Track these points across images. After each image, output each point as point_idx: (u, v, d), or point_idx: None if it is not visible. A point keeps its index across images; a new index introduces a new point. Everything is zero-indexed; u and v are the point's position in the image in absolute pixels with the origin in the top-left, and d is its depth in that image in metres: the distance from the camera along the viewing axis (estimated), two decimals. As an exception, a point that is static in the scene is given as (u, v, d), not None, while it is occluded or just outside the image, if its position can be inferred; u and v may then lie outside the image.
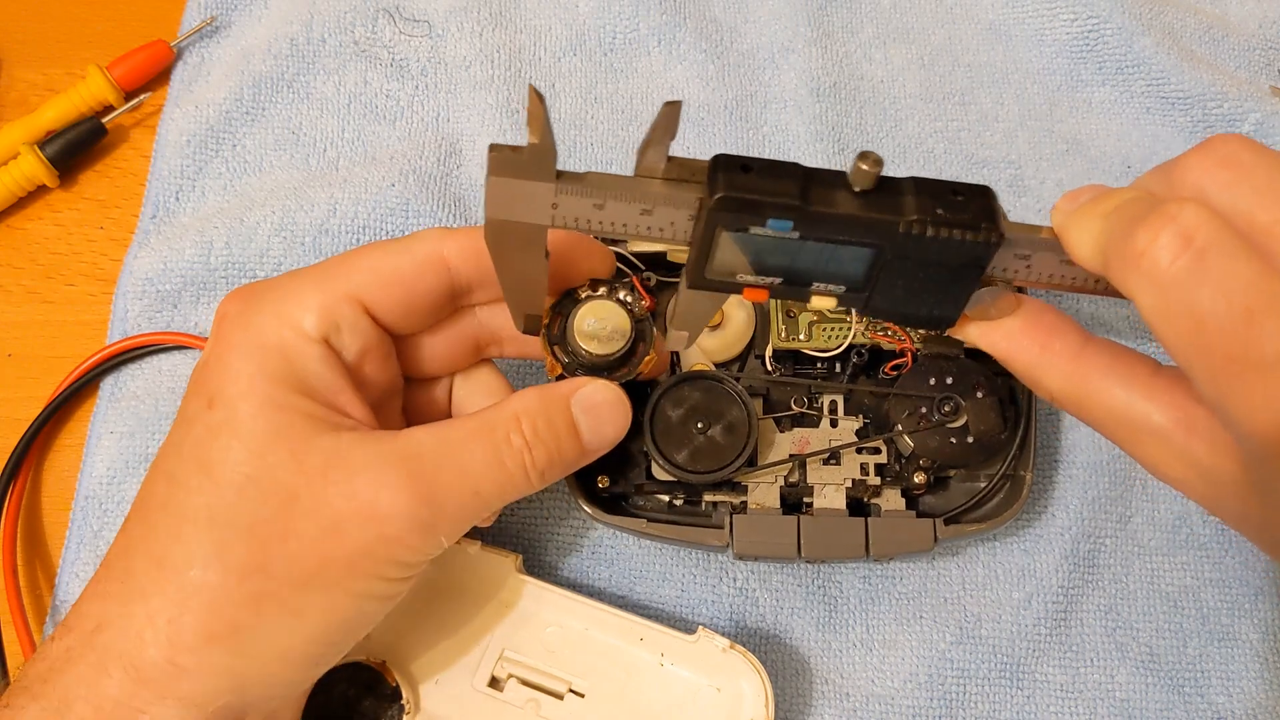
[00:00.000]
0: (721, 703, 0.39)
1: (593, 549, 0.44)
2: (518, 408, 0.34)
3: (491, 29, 0.52)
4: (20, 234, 0.50)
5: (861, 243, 0.31)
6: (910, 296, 0.32)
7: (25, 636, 0.41)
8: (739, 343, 0.43)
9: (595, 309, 0.37)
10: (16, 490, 0.45)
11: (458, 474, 0.33)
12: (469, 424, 0.34)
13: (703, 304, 0.34)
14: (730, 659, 0.39)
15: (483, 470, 0.33)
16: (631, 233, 0.32)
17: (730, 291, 0.33)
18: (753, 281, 0.32)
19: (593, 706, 0.39)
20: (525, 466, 0.34)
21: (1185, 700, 0.42)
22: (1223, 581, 0.44)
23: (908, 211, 0.30)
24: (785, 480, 0.42)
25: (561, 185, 0.31)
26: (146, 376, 0.47)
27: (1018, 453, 0.42)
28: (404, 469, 0.32)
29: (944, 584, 0.44)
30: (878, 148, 0.51)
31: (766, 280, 0.32)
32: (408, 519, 0.32)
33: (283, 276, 0.35)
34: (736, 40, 0.53)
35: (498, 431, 0.34)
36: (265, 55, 0.52)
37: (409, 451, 0.32)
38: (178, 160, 0.50)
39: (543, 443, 0.34)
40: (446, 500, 0.33)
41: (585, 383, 0.36)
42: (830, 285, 0.32)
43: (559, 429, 0.35)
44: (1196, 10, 0.52)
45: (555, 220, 0.32)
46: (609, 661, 0.39)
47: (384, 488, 0.31)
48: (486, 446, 0.33)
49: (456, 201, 0.49)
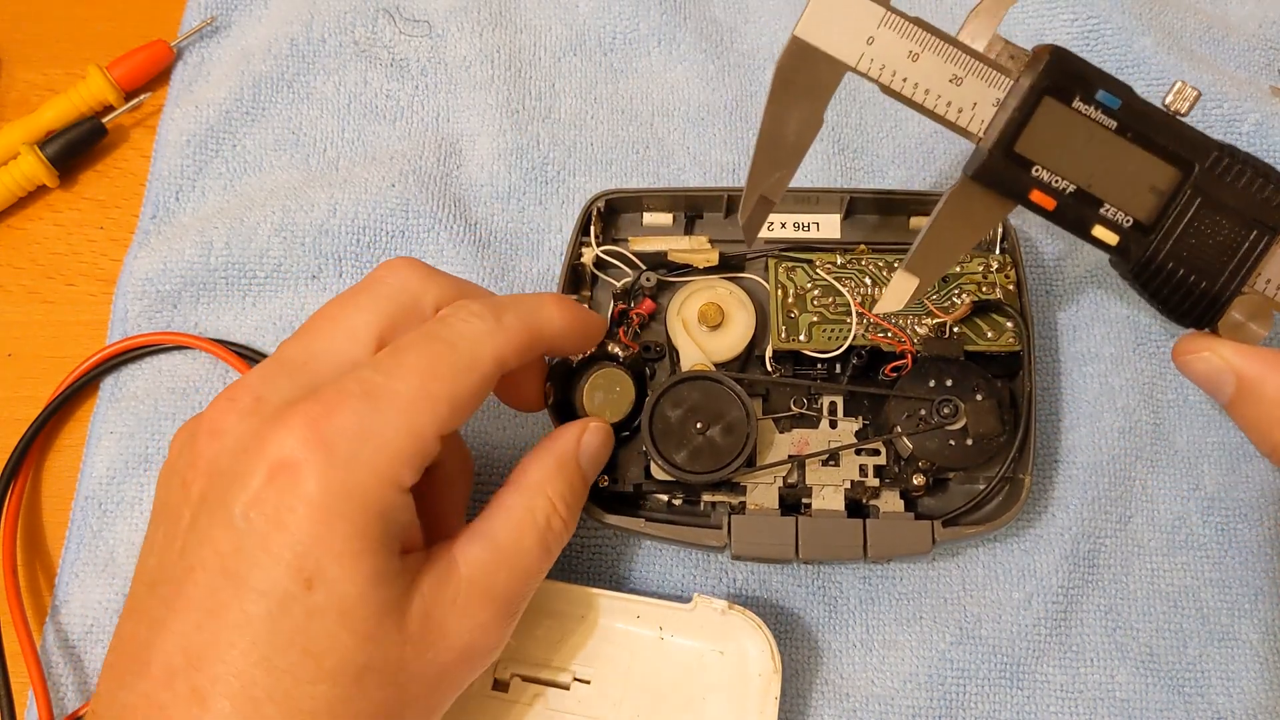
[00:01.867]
0: (727, 665, 0.39)
1: (591, 551, 0.44)
2: (547, 489, 0.35)
3: (491, 29, 0.52)
4: (20, 234, 0.50)
5: (1174, 157, 0.29)
6: (1192, 256, 0.30)
7: (25, 636, 0.41)
8: (739, 343, 0.43)
9: (599, 382, 0.39)
10: (16, 490, 0.45)
11: (521, 579, 0.34)
12: (510, 521, 0.34)
13: (955, 233, 0.32)
14: (730, 620, 0.39)
15: (537, 565, 0.35)
16: (924, 101, 0.30)
17: (1017, 193, 0.31)
18: (1047, 180, 0.30)
19: (600, 691, 0.39)
20: (563, 541, 0.36)
21: (1185, 700, 0.42)
22: (1223, 581, 0.44)
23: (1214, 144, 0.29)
24: (784, 481, 0.42)
25: (890, 16, 0.29)
26: (146, 377, 0.47)
27: (1017, 455, 0.42)
28: (484, 600, 0.33)
29: (944, 584, 0.44)
30: (878, 148, 0.51)
31: (1062, 184, 0.30)
32: (498, 643, 0.34)
33: (357, 411, 0.31)
34: (736, 40, 0.53)
35: (539, 519, 0.35)
36: (265, 55, 0.52)
37: (477, 578, 0.33)
38: (178, 160, 0.50)
39: (574, 514, 0.36)
40: (517, 606, 0.34)
41: (581, 429, 0.37)
42: (1119, 213, 0.30)
43: (579, 491, 0.37)
44: (1196, 10, 0.52)
45: (862, 62, 0.30)
46: (609, 644, 0.39)
47: (477, 629, 0.33)
48: (535, 541, 0.34)
49: (456, 202, 0.49)
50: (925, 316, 0.43)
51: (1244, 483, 0.45)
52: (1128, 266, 0.32)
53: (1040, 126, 0.29)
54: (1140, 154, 0.29)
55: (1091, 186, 0.30)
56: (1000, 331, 0.43)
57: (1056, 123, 0.29)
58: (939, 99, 0.30)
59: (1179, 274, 0.31)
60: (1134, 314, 0.47)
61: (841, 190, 0.45)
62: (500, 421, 0.46)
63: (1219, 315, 0.32)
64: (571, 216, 0.49)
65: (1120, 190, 0.30)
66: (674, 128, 0.51)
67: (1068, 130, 0.29)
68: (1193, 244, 0.30)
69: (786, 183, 0.34)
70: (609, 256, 0.45)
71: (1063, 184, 0.30)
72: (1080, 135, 0.29)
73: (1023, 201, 0.31)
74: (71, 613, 0.43)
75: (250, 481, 0.30)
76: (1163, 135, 0.29)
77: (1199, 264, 0.31)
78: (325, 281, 0.48)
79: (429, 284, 0.35)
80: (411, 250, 0.48)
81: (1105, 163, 0.30)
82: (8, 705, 0.41)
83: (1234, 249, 0.31)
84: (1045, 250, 0.48)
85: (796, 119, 0.32)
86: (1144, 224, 0.30)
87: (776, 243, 0.45)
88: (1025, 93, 0.29)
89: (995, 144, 0.30)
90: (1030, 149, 0.30)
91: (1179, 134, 0.29)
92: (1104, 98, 0.29)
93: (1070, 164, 0.30)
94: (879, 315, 0.42)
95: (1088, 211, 0.31)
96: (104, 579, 0.44)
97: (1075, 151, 0.30)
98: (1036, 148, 0.30)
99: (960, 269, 0.43)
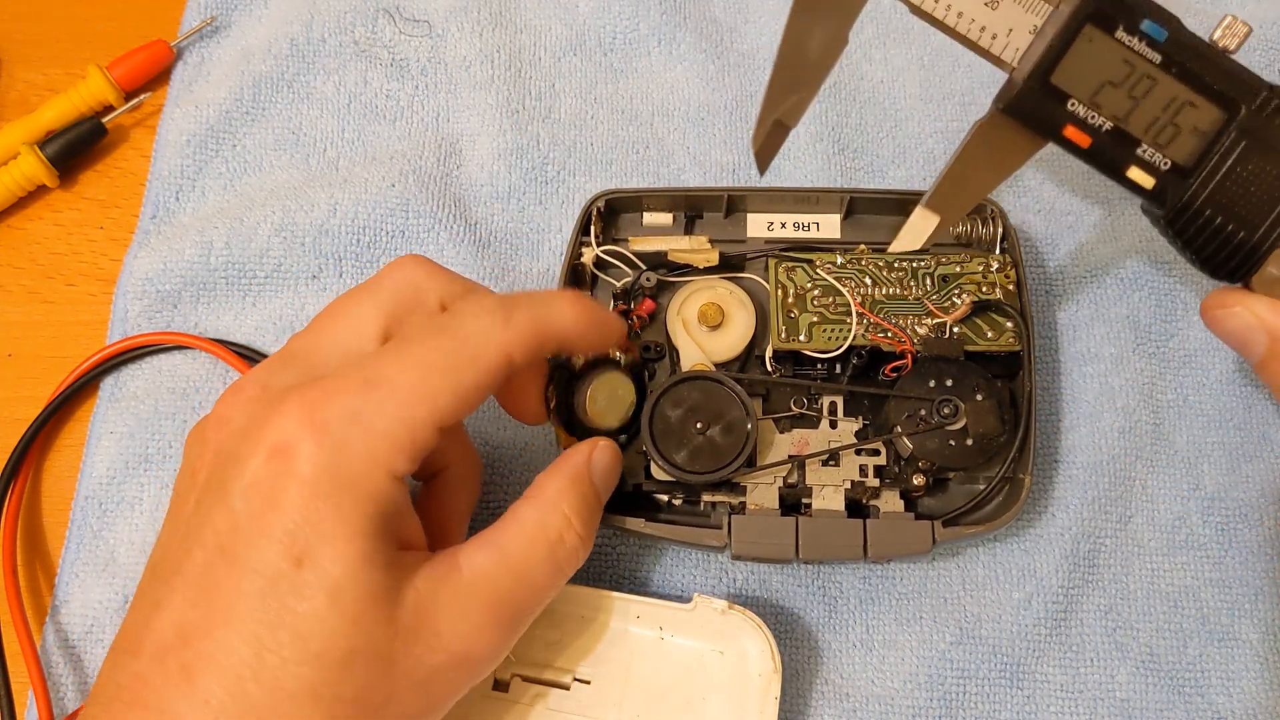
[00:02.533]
0: (727, 665, 0.39)
1: (591, 554, 0.44)
2: (563, 504, 0.35)
3: (491, 29, 0.52)
4: (20, 234, 0.50)
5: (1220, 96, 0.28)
6: (1232, 203, 0.29)
7: (25, 636, 0.41)
8: (740, 343, 0.43)
9: (602, 386, 0.38)
10: (16, 490, 0.45)
11: (528, 593, 0.34)
12: (522, 534, 0.34)
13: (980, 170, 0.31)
14: (730, 620, 0.39)
15: (547, 582, 0.34)
16: (956, 25, 0.29)
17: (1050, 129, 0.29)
18: (1083, 116, 0.29)
19: (600, 691, 0.39)
20: (576, 561, 0.35)
21: (1185, 700, 0.42)
22: (1223, 581, 0.44)
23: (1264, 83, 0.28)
24: (784, 481, 0.42)
25: None
26: (146, 376, 0.47)
27: (1017, 456, 0.42)
28: (485, 608, 0.32)
29: (944, 584, 0.44)
30: (878, 148, 0.51)
31: (1098, 120, 0.29)
32: (495, 655, 0.33)
33: (355, 397, 0.31)
34: (736, 40, 0.53)
35: (551, 534, 0.34)
36: (265, 55, 0.52)
37: (481, 585, 0.33)
38: (178, 160, 0.50)
39: (590, 531, 0.35)
40: (521, 620, 0.34)
41: (590, 448, 0.37)
42: (1158, 154, 0.29)
43: (594, 508, 0.36)
44: (1196, 10, 0.52)
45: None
46: (609, 644, 0.39)
47: (472, 635, 0.32)
48: (546, 556, 0.34)
49: (456, 201, 0.49)
50: (925, 316, 0.43)
51: (1244, 483, 0.45)
52: (1161, 213, 0.30)
53: (1079, 57, 0.28)
54: (1184, 91, 0.28)
55: (1129, 124, 0.29)
56: (1000, 331, 0.43)
57: (1097, 53, 0.28)
58: (972, 23, 0.28)
59: (1216, 221, 0.29)
60: (1134, 314, 0.47)
61: (841, 190, 0.45)
62: (501, 421, 0.46)
63: (1255, 268, 0.30)
64: (571, 216, 0.49)
65: (1160, 129, 0.29)
66: (674, 128, 0.51)
67: (1109, 62, 0.28)
68: (1233, 191, 0.29)
69: (805, 105, 0.32)
70: (609, 256, 0.45)
71: (1099, 120, 0.29)
72: (1121, 68, 0.28)
73: (1055, 138, 0.29)
74: (71, 613, 0.43)
75: (250, 464, 0.30)
76: (1210, 72, 0.28)
77: (1239, 212, 0.29)
78: (325, 281, 0.48)
79: (434, 280, 0.35)
80: (411, 250, 0.48)
81: (1146, 99, 0.28)
82: (8, 705, 0.41)
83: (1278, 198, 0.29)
84: (1045, 250, 0.48)
85: (820, 35, 0.30)
86: (1183, 167, 0.29)
87: (776, 243, 0.45)
88: (1066, 19, 0.28)
89: (1031, 74, 0.29)
90: (1067, 81, 0.28)
91: (1227, 71, 0.28)
92: (1149, 28, 0.27)
93: (1109, 99, 0.28)
94: (877, 315, 0.42)
95: (1124, 152, 0.29)
96: (104, 579, 0.44)
97: (1115, 85, 0.28)
98: (1074, 80, 0.28)
99: (960, 269, 0.43)
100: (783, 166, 0.50)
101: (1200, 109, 0.28)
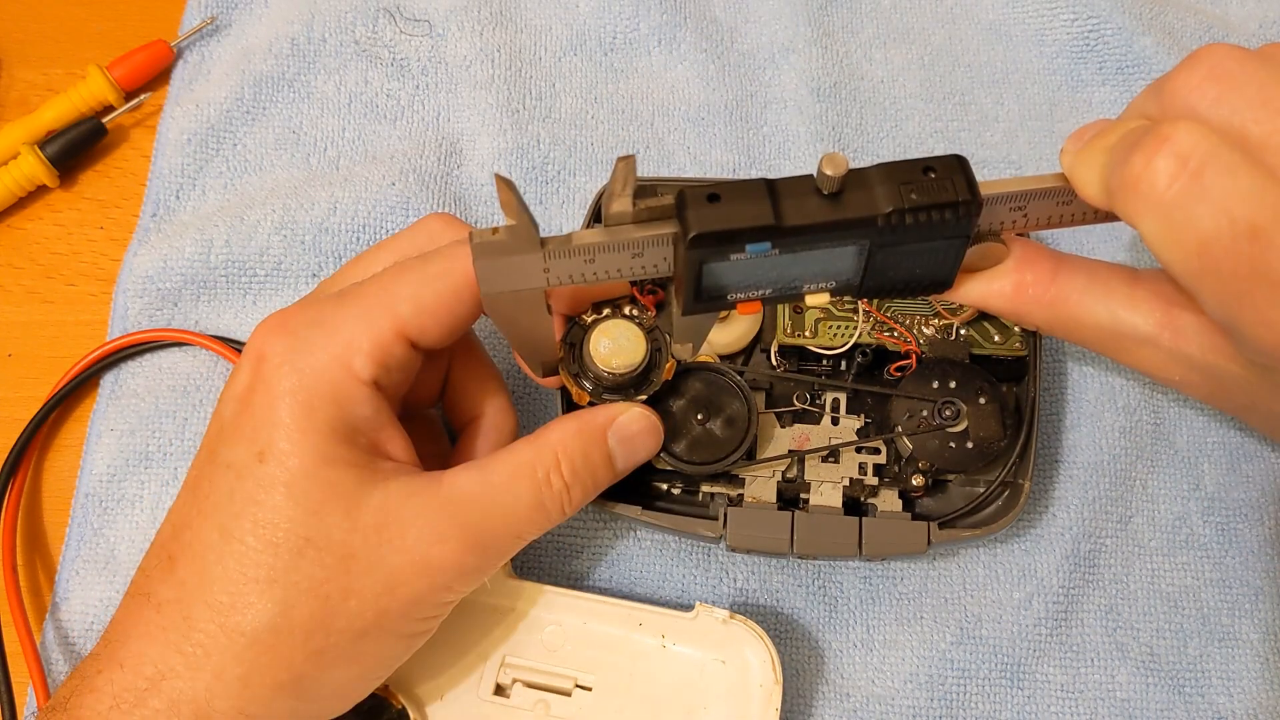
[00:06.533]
0: (728, 674, 0.39)
1: (590, 551, 0.44)
2: (558, 446, 0.35)
3: (491, 29, 0.52)
4: (20, 234, 0.50)
5: (844, 243, 0.31)
6: (903, 274, 0.32)
7: (25, 636, 0.41)
8: (745, 337, 0.43)
9: (606, 330, 0.37)
10: (16, 488, 0.45)
11: (503, 520, 0.34)
12: (510, 464, 0.34)
13: (700, 320, 0.34)
14: (732, 630, 0.39)
15: (526, 515, 0.34)
16: (628, 275, 0.33)
17: (724, 309, 0.33)
18: (744, 297, 0.33)
19: (601, 698, 0.39)
20: (563, 506, 0.35)
21: (1185, 700, 0.42)
22: (1223, 581, 0.44)
23: (881, 204, 0.30)
24: (783, 475, 0.42)
25: (548, 251, 0.32)
26: (146, 374, 0.47)
27: (1017, 460, 0.41)
28: (454, 521, 0.33)
29: (944, 584, 0.44)
30: (878, 147, 0.51)
31: (759, 293, 0.33)
32: (459, 568, 0.33)
33: (322, 306, 0.34)
34: (736, 40, 0.53)
35: (539, 472, 0.34)
36: (266, 55, 0.52)
37: (457, 501, 0.33)
38: (178, 159, 0.50)
39: (580, 482, 0.35)
40: (492, 546, 0.34)
41: (621, 410, 0.37)
42: (822, 283, 0.32)
43: (596, 465, 0.36)
44: (1196, 10, 0.52)
45: (550, 280, 0.32)
46: (611, 651, 0.39)
47: (437, 542, 0.33)
48: (530, 490, 0.34)
49: (456, 200, 0.49)
50: (932, 318, 0.43)
51: (1244, 483, 0.45)
52: None
53: (712, 278, 0.31)
54: (814, 253, 0.31)
55: (785, 283, 0.32)
56: (1007, 335, 0.43)
57: (725, 268, 0.31)
58: (634, 270, 0.32)
59: (899, 288, 0.33)
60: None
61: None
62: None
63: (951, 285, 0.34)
64: (572, 216, 0.49)
65: (812, 274, 0.32)
66: (674, 128, 0.51)
67: (739, 267, 0.31)
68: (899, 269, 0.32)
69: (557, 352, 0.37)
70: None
71: (761, 291, 0.32)
72: (752, 265, 0.31)
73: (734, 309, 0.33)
74: (71, 610, 0.43)
75: (238, 376, 0.34)
76: (824, 239, 0.30)
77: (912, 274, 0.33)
78: (325, 280, 0.48)
79: (451, 232, 0.36)
80: (412, 249, 0.48)
81: (788, 268, 0.31)
82: (8, 702, 0.41)
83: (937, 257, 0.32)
84: (1045, 250, 0.48)
85: (530, 322, 0.34)
86: (847, 280, 0.32)
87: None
88: (683, 265, 0.31)
89: (682, 299, 0.32)
90: (711, 295, 0.32)
91: (839, 230, 0.30)
92: (754, 249, 0.30)
93: (756, 281, 0.32)
94: (883, 314, 0.42)
95: (794, 293, 0.33)
96: (104, 576, 0.43)
97: (756, 272, 0.31)
98: (718, 291, 0.32)
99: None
100: (783, 166, 0.50)
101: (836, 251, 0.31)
